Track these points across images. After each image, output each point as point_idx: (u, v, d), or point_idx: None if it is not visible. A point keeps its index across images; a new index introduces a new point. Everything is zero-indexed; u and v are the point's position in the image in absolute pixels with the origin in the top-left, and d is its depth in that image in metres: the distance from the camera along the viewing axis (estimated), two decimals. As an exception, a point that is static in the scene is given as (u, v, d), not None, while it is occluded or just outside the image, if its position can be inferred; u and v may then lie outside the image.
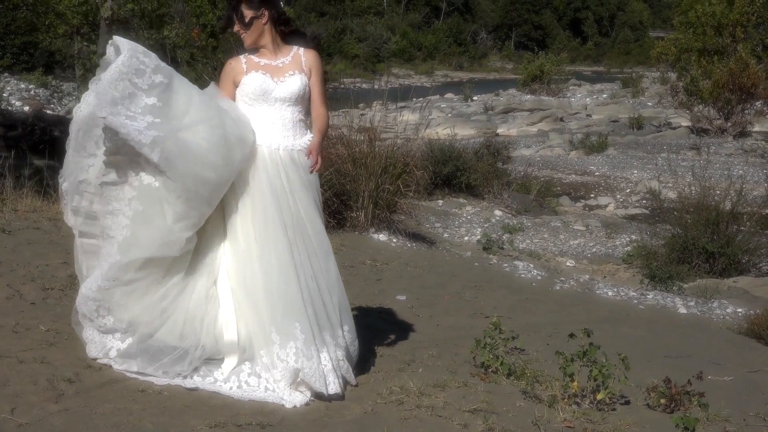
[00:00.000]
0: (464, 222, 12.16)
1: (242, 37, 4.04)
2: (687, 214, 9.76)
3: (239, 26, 4.01)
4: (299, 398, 3.66)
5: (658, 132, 26.38)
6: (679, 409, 4.08)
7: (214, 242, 3.90)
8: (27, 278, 4.95)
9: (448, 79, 57.52)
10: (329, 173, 7.97)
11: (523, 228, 11.97)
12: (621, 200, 16.19)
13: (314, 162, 3.88)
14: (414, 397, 3.83)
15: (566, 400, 4.03)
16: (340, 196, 8.27)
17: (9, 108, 18.22)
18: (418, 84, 42.24)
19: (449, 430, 3.57)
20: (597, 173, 18.58)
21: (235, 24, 4.02)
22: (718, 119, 25.37)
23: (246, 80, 3.97)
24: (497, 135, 24.84)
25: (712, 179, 10.83)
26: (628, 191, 16.72)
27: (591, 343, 4.10)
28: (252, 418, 3.43)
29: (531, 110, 31.69)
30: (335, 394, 3.74)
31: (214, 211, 3.86)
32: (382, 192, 8.42)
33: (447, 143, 14.50)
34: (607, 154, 20.95)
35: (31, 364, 3.69)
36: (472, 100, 36.28)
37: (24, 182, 7.22)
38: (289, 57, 4.04)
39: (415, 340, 5.01)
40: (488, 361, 4.39)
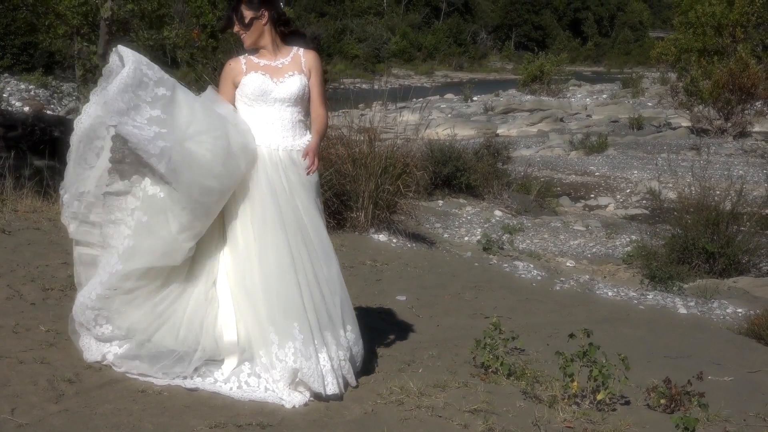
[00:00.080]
0: (464, 222, 12.16)
1: (242, 38, 4.04)
2: (687, 215, 9.76)
3: (239, 27, 4.01)
4: (298, 398, 3.66)
5: (658, 132, 26.39)
6: (679, 410, 4.08)
7: (213, 244, 3.90)
8: (27, 279, 4.96)
9: (448, 80, 57.54)
10: (329, 173, 7.97)
11: (523, 228, 11.96)
12: (621, 200, 16.20)
13: (311, 163, 3.87)
14: (414, 398, 3.83)
15: (566, 401, 4.03)
16: (340, 197, 8.27)
17: (9, 108, 18.23)
18: (418, 84, 42.26)
19: (449, 431, 3.57)
20: (597, 173, 18.58)
21: (235, 24, 4.02)
22: (718, 119, 25.38)
23: (245, 81, 3.97)
24: (497, 135, 24.84)
25: (712, 179, 10.84)
26: (628, 191, 16.72)
27: (591, 344, 4.10)
28: (252, 419, 3.43)
29: (531, 111, 31.70)
30: (333, 395, 3.73)
31: None
32: (382, 192, 8.42)
33: (447, 144, 14.50)
34: (607, 155, 20.95)
35: (31, 365, 3.70)
36: (472, 101, 36.28)
37: (24, 183, 7.22)
38: (289, 58, 4.04)
39: (415, 341, 5.01)
40: (488, 362, 4.39)
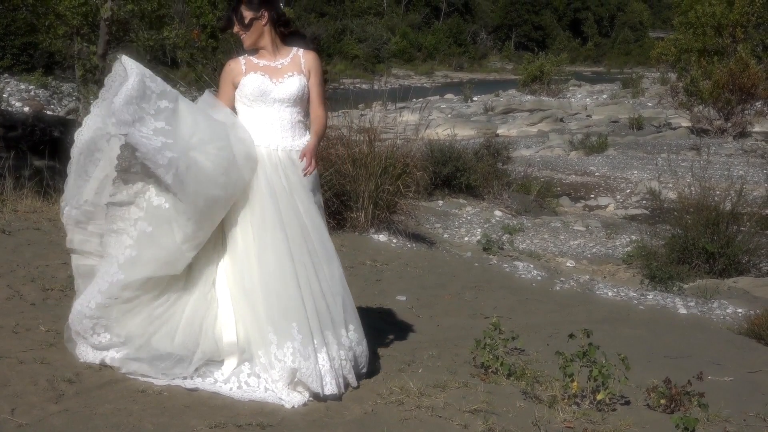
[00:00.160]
0: (464, 222, 12.17)
1: (242, 39, 4.04)
2: (687, 215, 9.76)
3: (239, 27, 4.01)
4: (297, 398, 3.66)
5: (658, 132, 26.39)
6: (679, 410, 4.08)
7: (212, 246, 3.90)
8: (27, 279, 4.96)
9: (448, 80, 57.54)
10: (329, 174, 7.97)
11: (523, 228, 11.97)
12: (621, 201, 16.19)
13: (308, 164, 3.86)
14: (414, 398, 3.83)
15: (566, 401, 4.03)
16: (340, 197, 8.27)
17: (9, 109, 18.22)
18: (418, 84, 42.28)
19: (449, 431, 3.57)
20: (597, 174, 18.58)
21: (235, 25, 4.02)
22: (718, 120, 25.37)
23: (245, 81, 3.98)
24: (497, 135, 24.83)
25: (712, 180, 10.84)
26: (628, 192, 16.72)
27: (591, 344, 4.10)
28: (252, 419, 3.43)
29: (531, 111, 31.69)
30: (332, 395, 3.72)
31: None
32: (382, 192, 8.42)
33: (447, 144, 14.50)
34: (607, 155, 20.95)
35: (32, 365, 3.70)
36: (472, 101, 36.27)
37: (24, 183, 7.23)
38: (289, 58, 4.04)
39: (415, 341, 5.01)
40: (488, 362, 4.39)
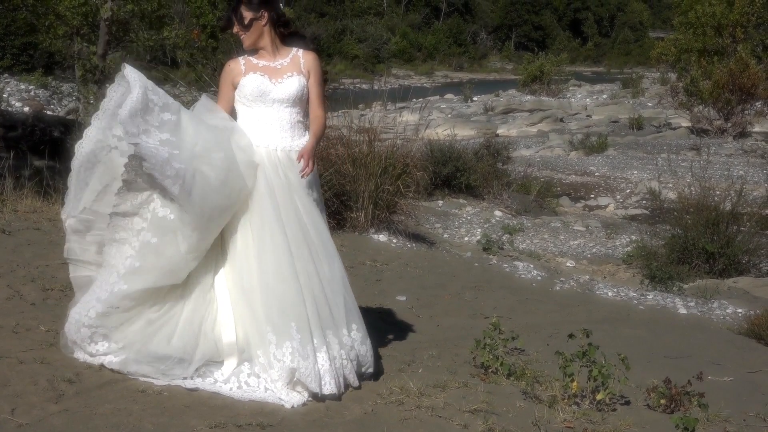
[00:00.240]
0: (464, 222, 12.17)
1: (241, 39, 4.04)
2: (687, 215, 9.76)
3: (238, 28, 4.01)
4: (296, 398, 3.66)
5: (658, 132, 26.39)
6: (679, 410, 4.08)
7: (211, 247, 3.89)
8: (27, 279, 4.96)
9: (448, 80, 57.53)
10: (329, 174, 7.97)
11: (523, 228, 11.97)
12: (621, 201, 16.20)
13: (305, 166, 3.86)
14: (414, 398, 3.83)
15: (566, 401, 4.03)
16: (340, 197, 8.27)
17: (9, 109, 18.23)
18: (418, 84, 42.26)
19: (449, 431, 3.57)
20: (597, 174, 18.58)
21: (235, 25, 4.02)
22: (718, 120, 25.38)
23: (244, 81, 3.98)
24: (497, 135, 24.83)
25: (712, 180, 10.83)
26: (628, 192, 16.72)
27: (590, 344, 4.10)
28: (252, 419, 3.43)
29: (531, 111, 31.69)
30: (331, 395, 3.72)
31: None
32: (382, 192, 8.42)
33: (447, 144, 14.50)
34: (607, 155, 20.95)
35: (32, 365, 3.70)
36: (472, 101, 36.27)
37: (24, 183, 7.23)
38: (288, 58, 4.04)
39: (415, 341, 5.01)
40: (488, 362, 4.39)
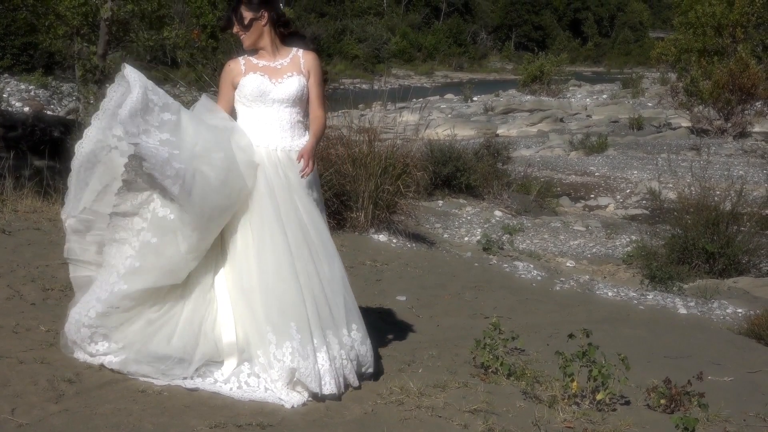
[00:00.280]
0: (464, 222, 12.17)
1: (241, 39, 4.04)
2: (687, 215, 9.76)
3: (238, 28, 4.01)
4: (296, 398, 3.65)
5: (658, 132, 26.39)
6: (679, 410, 4.08)
7: (211, 248, 3.89)
8: (27, 279, 4.96)
9: (448, 80, 57.52)
10: (329, 174, 7.97)
11: (523, 228, 11.97)
12: (621, 201, 16.20)
13: (305, 166, 3.86)
14: (414, 398, 3.83)
15: (566, 401, 4.03)
16: (340, 197, 8.28)
17: (9, 109, 18.24)
18: (418, 84, 42.25)
19: (449, 431, 3.57)
20: (597, 174, 18.58)
21: (235, 25, 4.02)
22: (718, 120, 25.37)
23: (244, 82, 3.98)
24: (497, 135, 24.83)
25: (712, 180, 10.84)
26: (628, 192, 16.72)
27: (590, 344, 4.10)
28: (252, 419, 3.43)
29: (531, 111, 31.69)
30: (330, 395, 3.71)
31: None
32: (382, 192, 8.42)
33: (447, 144, 14.51)
34: (607, 155, 20.96)
35: (32, 365, 3.70)
36: (472, 101, 36.27)
37: (24, 183, 7.24)
38: (288, 59, 4.05)
39: (415, 341, 5.01)
40: (488, 362, 4.39)
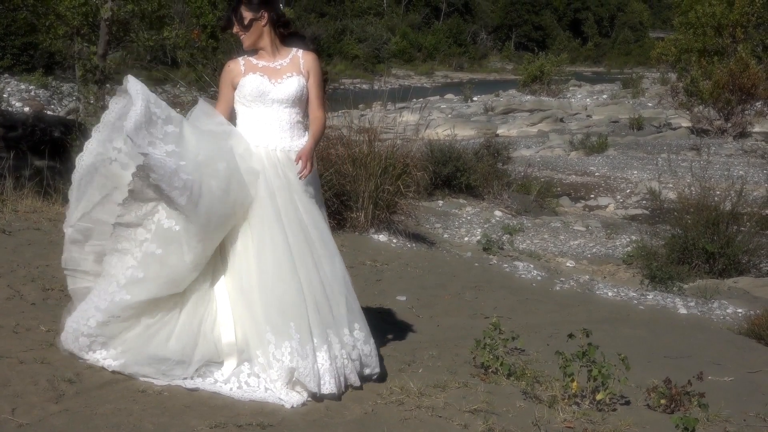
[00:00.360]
0: (464, 222, 12.17)
1: (241, 39, 4.04)
2: (687, 215, 9.76)
3: (238, 28, 4.01)
4: (296, 398, 3.65)
5: (659, 132, 26.39)
6: (680, 410, 4.09)
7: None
8: (27, 279, 4.96)
9: (448, 80, 57.50)
10: (329, 174, 7.97)
11: (523, 228, 11.97)
12: (621, 201, 16.20)
13: (303, 167, 3.86)
14: (414, 398, 3.84)
15: (566, 401, 4.03)
16: (340, 197, 8.28)
17: (9, 109, 18.24)
18: (418, 85, 42.24)
19: (449, 431, 3.57)
20: (597, 174, 18.58)
21: (235, 25, 4.02)
22: (719, 120, 25.37)
23: (243, 82, 3.98)
24: (497, 135, 24.83)
25: (712, 180, 10.85)
26: (628, 192, 16.72)
27: (590, 344, 4.10)
28: (252, 419, 3.43)
29: (531, 111, 31.68)
30: (330, 394, 3.71)
31: None
32: (382, 192, 8.42)
33: (447, 144, 14.51)
34: (607, 155, 20.96)
35: (32, 365, 3.70)
36: (472, 101, 36.26)
37: (24, 183, 7.24)
38: (288, 59, 4.05)
39: (415, 341, 5.01)
40: (488, 362, 4.40)
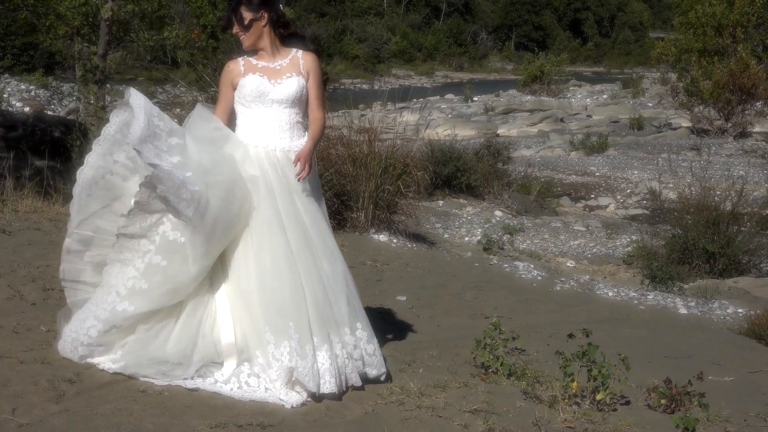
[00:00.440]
0: (464, 222, 12.17)
1: (241, 39, 4.04)
2: (687, 215, 9.77)
3: (238, 28, 4.01)
4: (295, 398, 3.65)
5: (659, 132, 26.40)
6: (680, 410, 4.09)
7: None
8: (28, 279, 4.96)
9: (448, 80, 57.51)
10: (329, 174, 7.97)
11: (524, 228, 11.97)
12: (621, 201, 16.20)
13: (301, 169, 3.87)
14: (414, 398, 3.83)
15: (567, 401, 4.03)
16: (340, 197, 8.27)
17: (9, 109, 18.25)
18: (418, 85, 42.26)
19: (450, 431, 3.57)
20: (597, 174, 18.59)
21: (235, 26, 4.02)
22: (719, 120, 25.38)
23: (243, 82, 3.98)
24: (497, 135, 24.84)
25: (713, 180, 10.85)
26: (629, 192, 16.72)
27: (590, 343, 4.10)
28: (252, 419, 3.43)
29: (531, 111, 31.69)
30: (330, 393, 3.71)
31: None
32: (383, 192, 8.42)
33: (447, 144, 14.51)
34: (608, 155, 20.96)
35: (32, 365, 3.70)
36: (473, 101, 36.27)
37: (24, 183, 7.25)
38: (287, 59, 4.05)
39: (416, 341, 5.01)
40: (488, 362, 4.39)
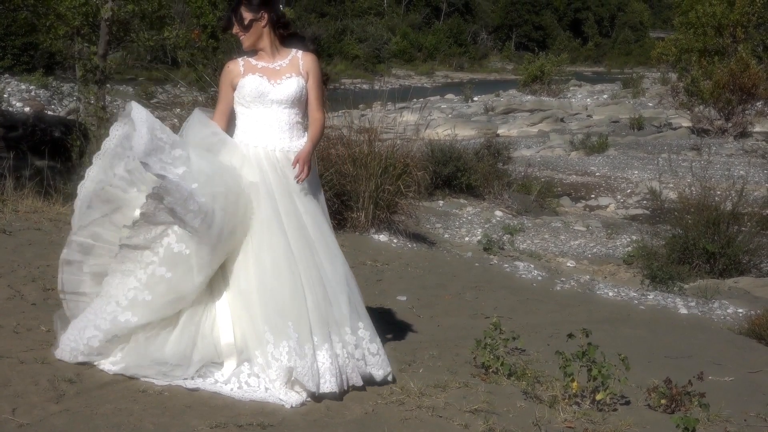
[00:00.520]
0: (465, 222, 12.17)
1: (241, 40, 4.04)
2: (688, 215, 9.77)
3: (238, 28, 4.01)
4: (295, 398, 3.65)
5: (659, 132, 26.39)
6: (680, 410, 4.09)
7: None
8: (28, 279, 4.96)
9: (449, 80, 57.51)
10: (329, 174, 7.97)
11: (524, 228, 11.97)
12: (621, 201, 16.20)
13: (300, 171, 3.87)
14: (415, 398, 3.84)
15: (567, 401, 4.03)
16: (341, 197, 8.28)
17: (9, 109, 18.25)
18: (418, 85, 42.25)
19: (450, 431, 3.57)
20: (597, 174, 18.59)
21: (235, 26, 4.02)
22: (719, 120, 25.38)
23: (243, 82, 3.98)
24: (498, 135, 24.84)
25: (713, 180, 10.85)
26: (629, 192, 16.72)
27: (590, 344, 4.10)
28: (253, 419, 3.43)
29: (531, 111, 31.69)
30: (330, 393, 3.71)
31: None
32: (383, 192, 8.42)
33: (447, 144, 14.51)
34: (608, 155, 20.96)
35: (32, 365, 3.70)
36: (473, 101, 36.27)
37: (25, 183, 7.25)
38: (287, 60, 4.05)
39: (416, 341, 5.01)
40: (489, 362, 4.40)
